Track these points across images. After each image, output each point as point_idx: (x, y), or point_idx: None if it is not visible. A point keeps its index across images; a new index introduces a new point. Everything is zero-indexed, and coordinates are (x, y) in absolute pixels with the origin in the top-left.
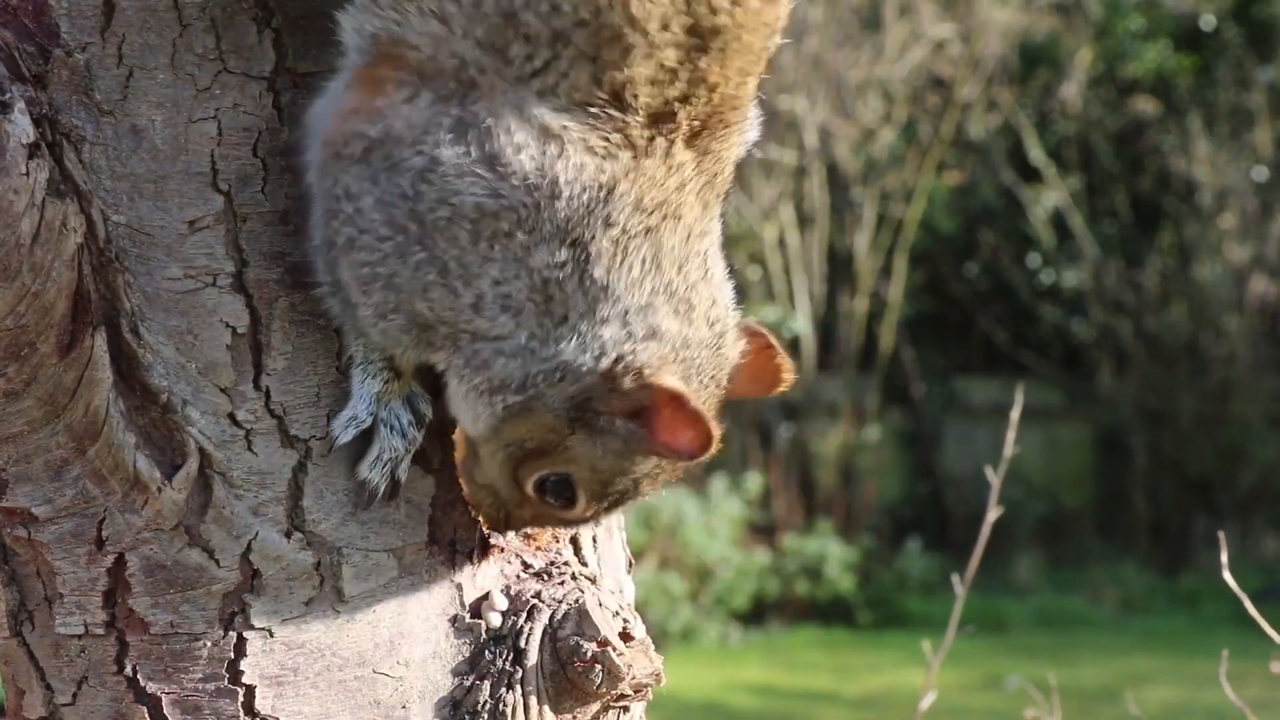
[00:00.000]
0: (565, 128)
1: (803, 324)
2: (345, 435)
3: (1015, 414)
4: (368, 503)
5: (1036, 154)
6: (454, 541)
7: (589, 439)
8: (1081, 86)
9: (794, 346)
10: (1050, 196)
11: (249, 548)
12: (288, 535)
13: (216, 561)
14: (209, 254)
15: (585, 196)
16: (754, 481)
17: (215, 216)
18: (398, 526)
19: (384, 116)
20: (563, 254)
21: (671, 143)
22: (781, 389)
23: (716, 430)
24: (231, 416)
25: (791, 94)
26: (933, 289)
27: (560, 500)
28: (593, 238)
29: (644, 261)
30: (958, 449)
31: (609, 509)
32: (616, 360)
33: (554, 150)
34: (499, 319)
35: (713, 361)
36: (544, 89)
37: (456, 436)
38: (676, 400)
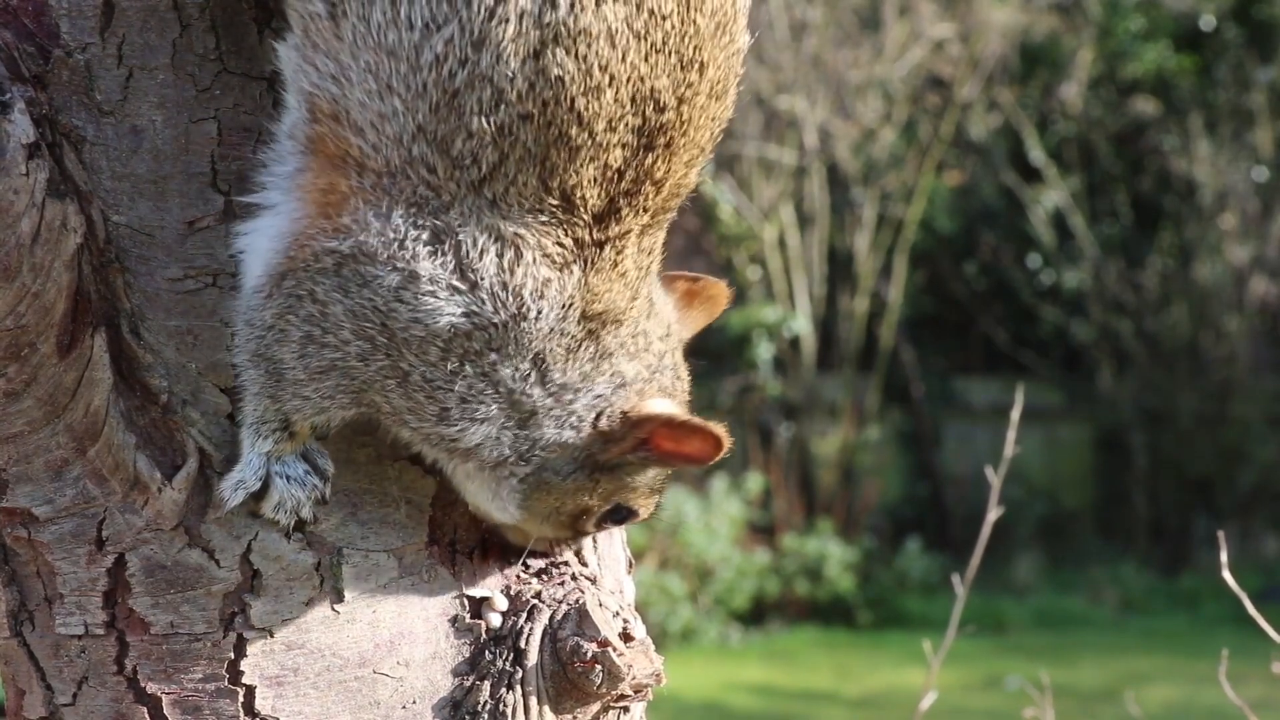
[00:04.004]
0: (521, 236)
1: (803, 324)
2: (234, 499)
3: (1015, 414)
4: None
5: (1037, 154)
6: (454, 542)
7: (615, 477)
8: (1081, 86)
9: (794, 346)
10: (1050, 197)
11: (249, 548)
12: (288, 535)
13: (217, 562)
14: (209, 254)
15: (551, 315)
16: (754, 482)
17: (216, 217)
18: (398, 527)
19: (351, 233)
20: (525, 367)
21: (620, 251)
22: (726, 298)
23: (720, 430)
24: (231, 417)
25: (791, 94)
26: (933, 289)
27: (624, 519)
28: (550, 350)
29: (595, 355)
30: (958, 449)
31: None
32: (597, 418)
33: (518, 266)
34: (469, 429)
35: (675, 367)
36: (495, 196)
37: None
38: (670, 421)
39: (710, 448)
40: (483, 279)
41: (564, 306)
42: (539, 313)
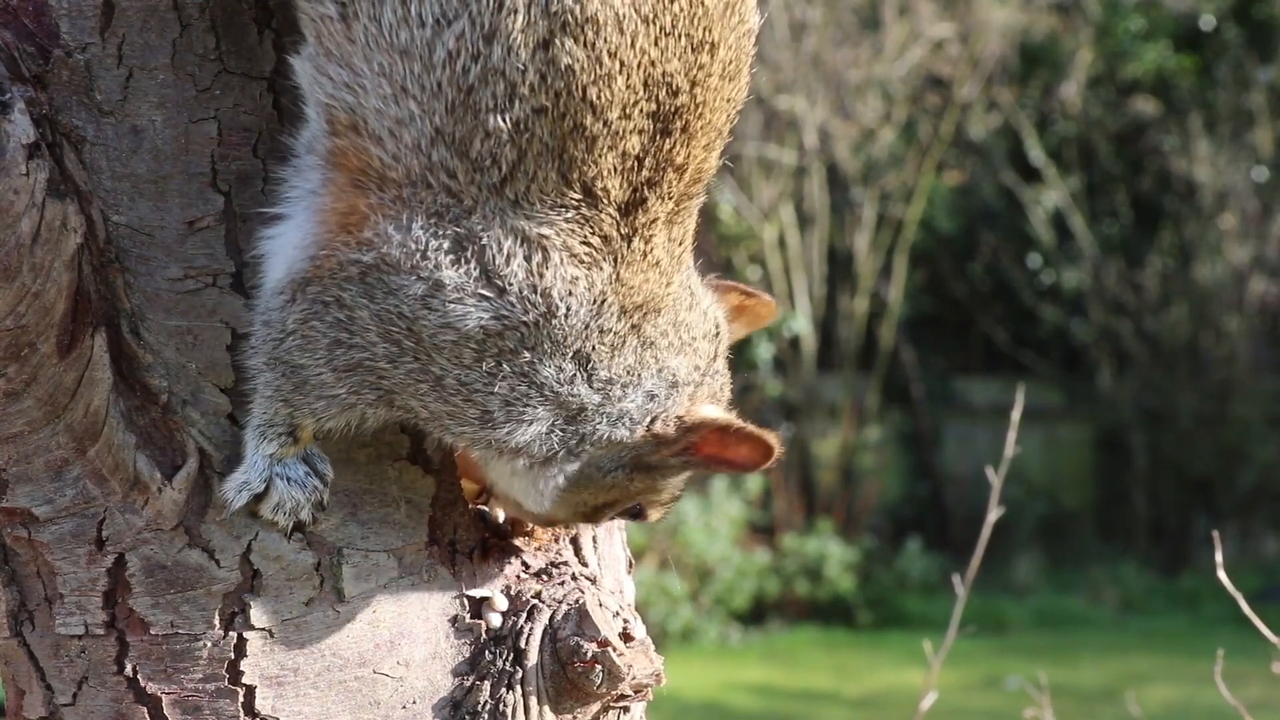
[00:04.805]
0: (547, 237)
1: (803, 324)
2: (239, 500)
3: (1016, 414)
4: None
5: (1036, 154)
6: (454, 542)
7: (649, 478)
8: (1081, 86)
9: (794, 346)
10: (1050, 196)
11: (249, 548)
12: (286, 536)
13: (217, 562)
14: (209, 254)
15: (582, 311)
16: (754, 482)
17: (215, 217)
18: (398, 527)
19: (374, 245)
20: (569, 366)
21: (648, 241)
22: (772, 317)
23: (772, 438)
24: (231, 417)
25: (791, 94)
26: (933, 289)
27: (637, 515)
28: (593, 348)
29: (637, 347)
30: (958, 449)
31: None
32: (651, 421)
33: (546, 269)
34: (516, 430)
35: (724, 366)
36: (517, 196)
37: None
38: (723, 429)
39: (760, 455)
40: (511, 284)
41: (595, 302)
42: (568, 309)
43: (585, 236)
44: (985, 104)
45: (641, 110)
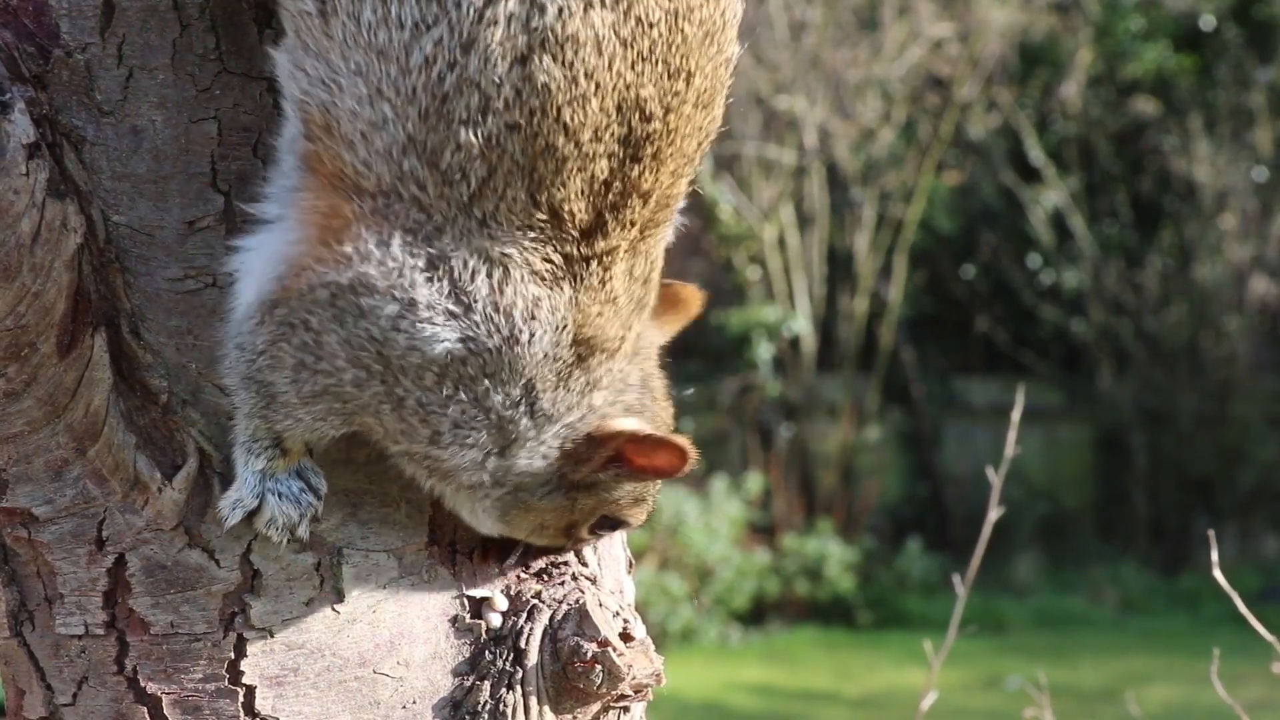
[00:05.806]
0: (509, 256)
1: (803, 324)
2: (233, 518)
3: (1016, 415)
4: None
5: (1036, 154)
6: (454, 542)
7: (593, 494)
8: (1081, 86)
9: (794, 346)
10: (1050, 196)
11: (249, 548)
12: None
13: (217, 562)
14: (209, 254)
15: (545, 340)
16: (754, 482)
17: (216, 217)
18: (398, 527)
19: (352, 264)
20: (516, 393)
21: (607, 268)
22: (698, 301)
23: (684, 443)
24: (232, 416)
25: (790, 94)
26: (933, 289)
27: (616, 527)
28: (541, 375)
29: (584, 385)
30: (958, 449)
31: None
32: (564, 442)
33: (506, 285)
34: (458, 453)
35: (641, 383)
36: (485, 215)
37: None
38: (635, 436)
39: (676, 460)
40: (475, 301)
41: (558, 329)
42: (531, 336)
43: (546, 254)
44: (985, 104)
45: (613, 134)
